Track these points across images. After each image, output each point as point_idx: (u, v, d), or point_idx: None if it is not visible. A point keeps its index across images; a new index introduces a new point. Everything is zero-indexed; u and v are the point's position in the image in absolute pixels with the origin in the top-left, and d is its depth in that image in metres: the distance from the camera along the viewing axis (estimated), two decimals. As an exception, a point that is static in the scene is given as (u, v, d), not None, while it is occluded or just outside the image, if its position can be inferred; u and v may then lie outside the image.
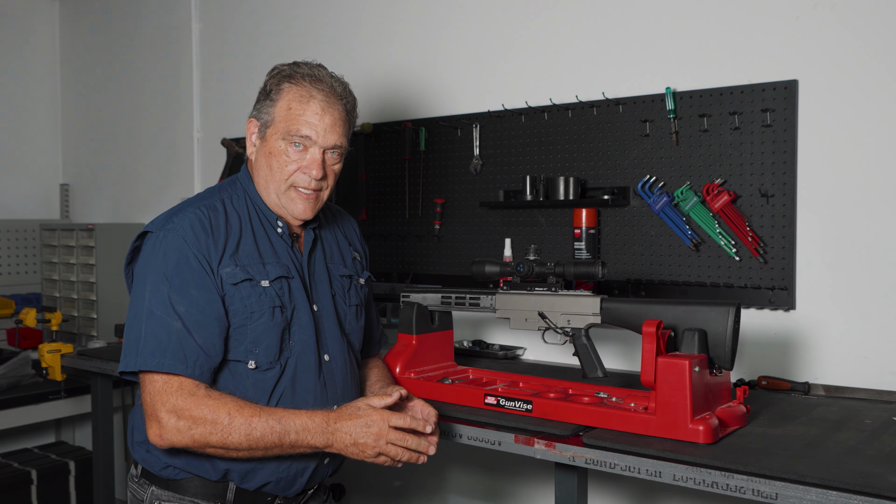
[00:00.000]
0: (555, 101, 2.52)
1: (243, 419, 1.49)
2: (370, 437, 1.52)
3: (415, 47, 2.89)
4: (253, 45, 3.42)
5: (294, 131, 1.63)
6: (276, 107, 1.65)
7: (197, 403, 1.50)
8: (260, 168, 1.69)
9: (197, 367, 1.53)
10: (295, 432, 1.51)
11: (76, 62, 4.31)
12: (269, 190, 1.68)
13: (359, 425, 1.53)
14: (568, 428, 1.66)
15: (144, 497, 1.66)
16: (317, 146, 1.64)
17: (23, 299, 3.97)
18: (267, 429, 1.50)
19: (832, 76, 2.05)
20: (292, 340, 1.65)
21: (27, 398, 3.23)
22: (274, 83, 1.67)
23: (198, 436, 1.49)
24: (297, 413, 1.54)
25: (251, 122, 1.71)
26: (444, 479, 2.87)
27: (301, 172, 1.65)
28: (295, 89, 1.65)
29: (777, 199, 2.11)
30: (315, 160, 1.64)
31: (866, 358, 2.02)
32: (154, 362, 1.51)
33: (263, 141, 1.67)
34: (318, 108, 1.63)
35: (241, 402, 1.53)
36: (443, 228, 2.80)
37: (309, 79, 1.65)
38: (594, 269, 1.79)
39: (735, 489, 1.39)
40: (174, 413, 1.50)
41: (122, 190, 4.08)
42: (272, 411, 1.53)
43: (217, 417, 1.49)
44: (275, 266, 1.65)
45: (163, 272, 1.55)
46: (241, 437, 1.49)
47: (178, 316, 1.53)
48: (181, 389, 1.51)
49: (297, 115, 1.63)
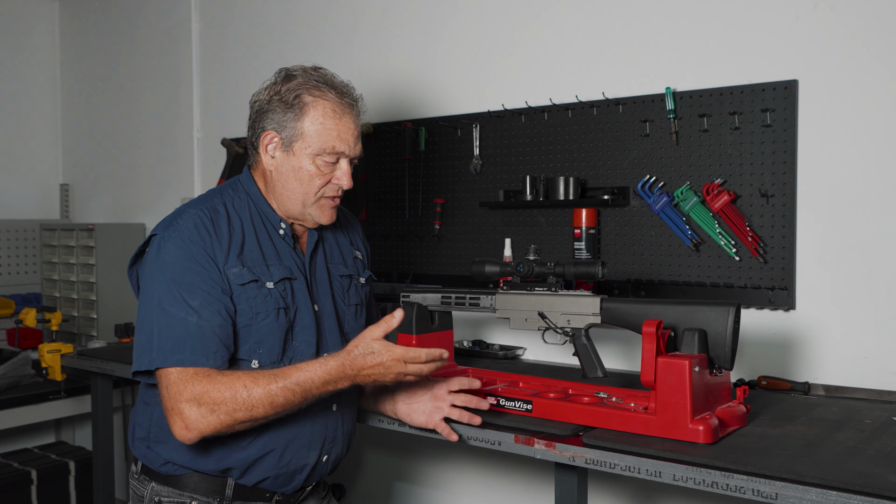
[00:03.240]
0: (555, 101, 2.52)
1: (261, 389, 1.50)
2: (389, 377, 1.56)
3: (415, 47, 2.89)
4: (253, 45, 3.42)
5: (330, 149, 1.64)
6: (303, 121, 1.63)
7: (213, 384, 1.50)
8: (285, 181, 1.68)
9: (218, 356, 1.54)
10: (317, 387, 1.53)
11: (76, 62, 4.31)
12: (293, 201, 1.68)
13: (376, 368, 1.54)
14: (568, 428, 1.66)
15: (145, 493, 1.67)
16: (346, 158, 1.68)
17: (23, 299, 3.97)
18: (289, 394, 1.51)
19: (832, 76, 2.05)
20: (295, 341, 1.67)
21: (27, 398, 3.23)
22: (294, 94, 1.64)
23: (223, 416, 1.49)
24: (312, 368, 1.53)
25: (269, 134, 1.66)
26: (444, 479, 2.87)
27: (332, 183, 1.68)
28: (323, 103, 1.64)
29: (777, 199, 2.11)
30: (346, 173, 1.68)
31: (866, 358, 2.02)
32: (175, 358, 1.52)
33: (289, 154, 1.66)
34: (352, 123, 1.67)
35: (254, 373, 1.54)
36: (443, 228, 2.80)
37: (334, 91, 1.66)
38: (594, 269, 1.79)
39: (735, 489, 1.39)
40: (194, 401, 1.50)
41: (122, 190, 4.08)
42: (287, 373, 1.52)
43: (235, 394, 1.49)
44: (278, 268, 1.66)
45: (171, 271, 1.56)
46: (266, 407, 1.50)
47: (194, 310, 1.54)
48: (196, 376, 1.52)
49: (330, 131, 1.64)
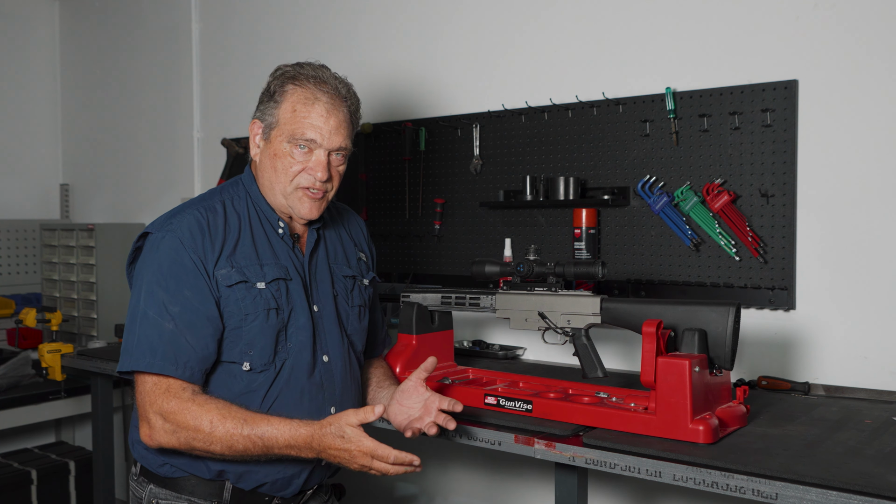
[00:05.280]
0: (555, 101, 2.52)
1: (225, 431, 1.49)
2: (354, 464, 1.49)
3: (415, 47, 2.89)
4: (253, 45, 3.42)
5: (299, 135, 1.62)
6: (280, 109, 1.64)
7: (182, 408, 1.50)
8: (264, 169, 1.68)
9: (188, 368, 1.53)
10: (279, 448, 1.50)
11: (76, 62, 4.31)
12: (274, 191, 1.68)
13: (342, 453, 1.48)
14: (568, 428, 1.66)
15: (143, 495, 1.67)
16: (322, 149, 1.64)
17: (23, 299, 3.97)
18: (249, 444, 1.49)
19: (832, 76, 2.05)
20: (289, 342, 1.64)
21: (27, 398, 3.23)
22: (277, 84, 1.66)
23: (182, 440, 1.51)
24: (281, 427, 1.49)
25: (255, 124, 1.70)
26: (445, 480, 2.87)
27: (306, 173, 1.65)
28: (299, 91, 1.64)
29: (777, 199, 2.11)
30: (320, 162, 1.64)
31: (866, 358, 2.02)
32: (145, 363, 1.52)
33: (268, 143, 1.67)
34: (323, 110, 1.63)
35: (226, 410, 1.51)
36: (443, 228, 2.80)
37: (313, 80, 1.64)
38: (594, 269, 1.79)
39: (735, 489, 1.39)
40: (161, 415, 1.51)
41: (122, 190, 4.08)
42: (256, 423, 1.49)
43: (199, 425, 1.49)
44: (273, 268, 1.65)
45: (158, 274, 1.56)
46: (224, 448, 1.50)
47: (171, 317, 1.53)
48: (168, 392, 1.52)
49: (302, 118, 1.62)
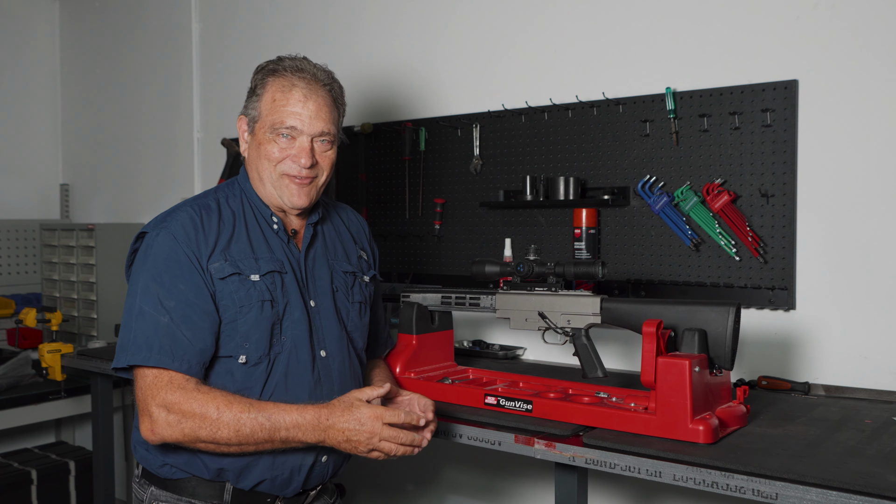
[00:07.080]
0: (555, 101, 2.52)
1: (232, 415, 1.49)
2: (363, 434, 1.51)
3: (415, 47, 2.89)
4: (253, 45, 3.41)
5: (279, 123, 1.64)
6: (261, 101, 1.67)
7: (186, 398, 1.50)
8: (252, 163, 1.71)
9: (185, 361, 1.53)
10: (285, 429, 1.51)
11: (76, 62, 4.31)
12: (263, 182, 1.69)
13: (351, 422, 1.51)
14: (568, 428, 1.66)
15: (144, 497, 1.67)
16: (304, 135, 1.65)
17: (23, 299, 3.97)
18: (256, 425, 1.50)
19: (832, 76, 2.05)
20: (284, 336, 1.65)
21: (27, 398, 3.23)
22: (258, 79, 1.70)
23: (187, 430, 1.50)
24: (287, 409, 1.52)
25: (241, 120, 1.74)
26: (444, 479, 2.87)
27: (290, 161, 1.66)
28: (278, 81, 1.67)
29: (777, 199, 2.11)
30: (303, 149, 1.65)
31: (866, 358, 2.02)
32: (141, 357, 1.52)
33: (253, 136, 1.70)
34: (301, 95, 1.65)
35: (231, 396, 1.52)
36: (443, 228, 2.80)
37: (290, 69, 1.67)
38: (594, 269, 1.79)
39: (735, 489, 1.39)
40: (164, 407, 1.51)
41: (122, 190, 4.08)
42: (262, 406, 1.52)
43: (206, 412, 1.49)
44: (267, 261, 1.66)
45: (153, 270, 1.57)
46: (231, 432, 1.49)
47: (167, 311, 1.54)
48: (171, 384, 1.52)
49: (281, 106, 1.64)
